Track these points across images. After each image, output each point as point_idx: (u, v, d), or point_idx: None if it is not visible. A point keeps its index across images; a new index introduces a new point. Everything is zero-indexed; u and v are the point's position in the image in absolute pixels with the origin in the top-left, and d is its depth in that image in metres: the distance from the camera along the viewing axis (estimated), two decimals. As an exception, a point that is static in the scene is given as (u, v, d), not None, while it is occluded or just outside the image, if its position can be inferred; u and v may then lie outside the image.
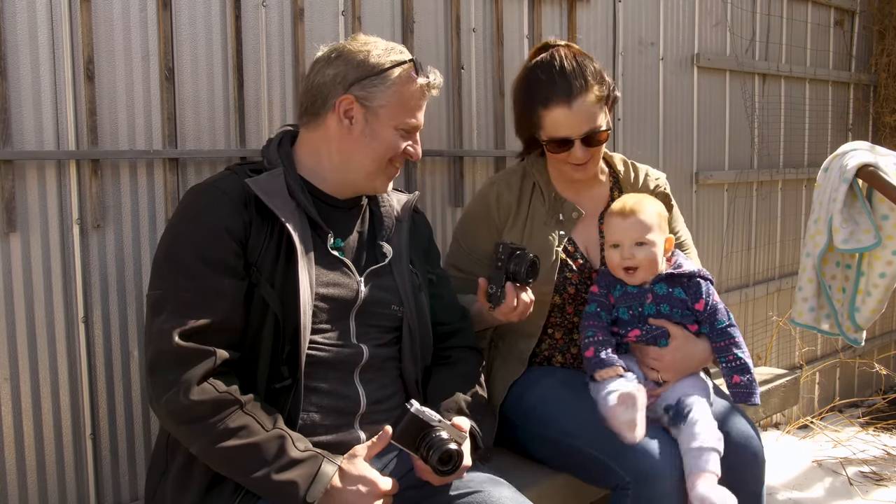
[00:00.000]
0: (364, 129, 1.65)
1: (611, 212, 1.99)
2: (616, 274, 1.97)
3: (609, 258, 1.98)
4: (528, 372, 2.09)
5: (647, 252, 1.92)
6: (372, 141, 1.66)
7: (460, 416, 1.66)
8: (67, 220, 1.88)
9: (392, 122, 1.66)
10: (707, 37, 3.58)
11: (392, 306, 1.71)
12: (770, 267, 4.05)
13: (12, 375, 1.82)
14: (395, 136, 1.67)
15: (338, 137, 1.66)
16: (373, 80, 1.63)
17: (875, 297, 2.62)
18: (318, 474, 1.43)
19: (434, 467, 1.46)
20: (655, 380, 1.94)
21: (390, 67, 1.64)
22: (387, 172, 1.72)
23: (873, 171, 2.51)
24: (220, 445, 1.42)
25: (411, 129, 1.70)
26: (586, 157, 2.01)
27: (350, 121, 1.65)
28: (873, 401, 4.53)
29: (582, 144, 1.99)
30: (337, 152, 1.67)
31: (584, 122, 1.98)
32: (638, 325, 1.96)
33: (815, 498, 3.20)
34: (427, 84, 1.69)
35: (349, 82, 1.64)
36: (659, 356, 1.93)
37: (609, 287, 2.00)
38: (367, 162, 1.68)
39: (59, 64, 1.84)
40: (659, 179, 2.24)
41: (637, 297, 1.96)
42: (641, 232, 1.92)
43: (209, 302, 1.48)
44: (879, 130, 4.61)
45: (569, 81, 1.96)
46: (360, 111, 1.64)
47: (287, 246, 1.56)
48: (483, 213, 2.17)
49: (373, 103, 1.64)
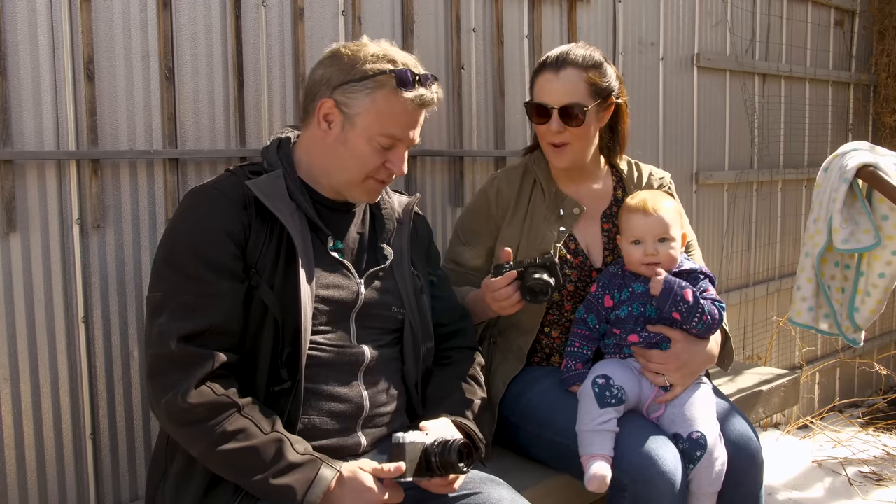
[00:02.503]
0: (338, 136, 1.59)
1: (631, 208, 1.99)
2: (636, 270, 1.96)
3: (629, 254, 1.97)
4: (527, 371, 2.09)
5: (669, 248, 1.94)
6: (344, 150, 1.59)
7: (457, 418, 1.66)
8: (67, 220, 1.88)
9: (367, 133, 1.57)
10: (707, 37, 3.58)
11: (393, 308, 1.71)
12: (770, 267, 4.05)
13: (12, 375, 1.82)
14: (370, 148, 1.58)
15: (318, 141, 1.63)
16: (353, 85, 1.56)
17: (874, 297, 2.62)
18: (315, 479, 1.42)
19: (458, 469, 1.45)
20: (662, 385, 1.92)
21: (373, 75, 1.55)
22: (364, 186, 1.63)
23: (873, 171, 2.51)
24: (219, 449, 1.42)
25: (393, 144, 1.60)
26: (561, 131, 2.01)
27: (329, 125, 1.60)
28: (873, 401, 4.53)
29: (559, 117, 2.00)
30: (318, 156, 1.64)
31: (566, 93, 2.00)
32: (636, 327, 1.95)
33: (815, 498, 3.20)
34: (417, 98, 1.57)
35: (333, 85, 1.58)
36: (664, 360, 1.92)
37: (611, 289, 2.00)
38: (339, 171, 1.61)
39: (59, 64, 1.84)
40: (663, 178, 2.25)
41: (642, 297, 1.96)
42: (664, 228, 1.94)
43: (208, 305, 1.48)
44: (879, 130, 4.61)
45: (567, 56, 2.03)
46: (339, 117, 1.58)
47: (287, 248, 1.56)
48: (483, 207, 2.18)
49: (351, 110, 1.57)
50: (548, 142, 2.06)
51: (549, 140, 2.05)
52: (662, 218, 1.94)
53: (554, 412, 1.97)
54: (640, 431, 1.82)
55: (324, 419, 1.59)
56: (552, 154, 2.08)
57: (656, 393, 1.92)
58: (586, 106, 2.01)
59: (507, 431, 2.07)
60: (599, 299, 2.00)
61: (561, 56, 2.03)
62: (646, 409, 1.93)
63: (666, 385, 1.92)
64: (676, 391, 1.92)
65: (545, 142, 2.07)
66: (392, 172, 1.63)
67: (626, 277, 1.99)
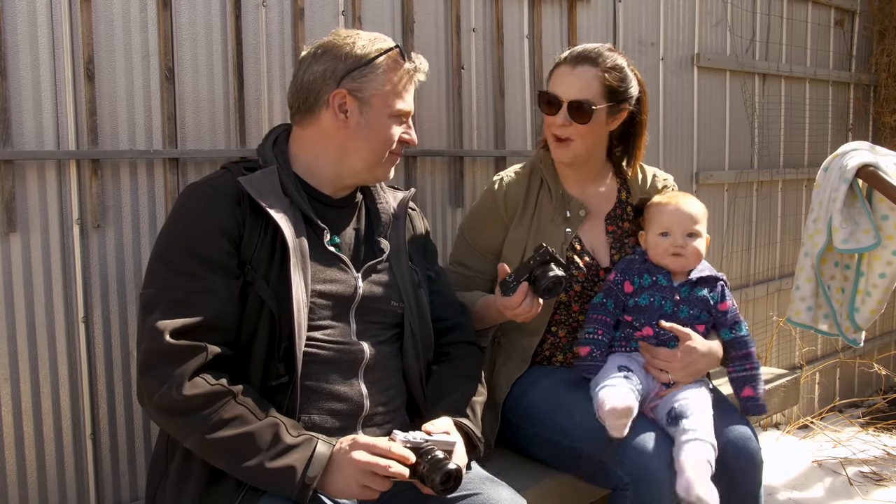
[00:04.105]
0: (360, 121, 1.66)
1: (661, 202, 2.02)
2: (661, 261, 1.97)
3: (656, 245, 1.98)
4: (528, 371, 2.09)
5: (697, 243, 1.97)
6: (369, 132, 1.67)
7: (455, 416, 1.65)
8: (67, 220, 1.88)
9: (386, 111, 1.67)
10: (707, 37, 3.58)
11: (392, 302, 1.71)
12: (770, 267, 4.05)
13: (12, 375, 1.82)
14: (389, 124, 1.68)
15: (335, 132, 1.66)
16: (362, 70, 1.64)
17: (875, 297, 2.62)
18: (313, 455, 1.43)
19: (436, 489, 1.44)
20: (665, 381, 1.93)
21: (377, 56, 1.65)
22: (389, 161, 1.73)
23: (873, 171, 2.51)
24: (214, 436, 1.42)
25: (404, 115, 1.71)
26: (566, 125, 2.03)
27: (345, 114, 1.65)
28: (873, 401, 4.53)
29: (567, 111, 2.01)
30: (335, 147, 1.67)
31: (578, 89, 2.02)
32: (652, 320, 1.95)
33: (815, 498, 3.20)
34: (414, 68, 1.70)
35: (339, 76, 1.64)
36: (670, 357, 1.92)
37: (630, 275, 1.99)
38: (366, 153, 1.68)
39: (60, 64, 1.84)
40: (667, 181, 2.26)
41: (666, 291, 1.96)
42: (692, 223, 1.98)
43: (202, 300, 1.49)
44: (879, 130, 4.61)
45: (588, 53, 2.05)
46: (354, 103, 1.65)
47: (282, 243, 1.57)
48: (490, 208, 2.17)
49: (365, 94, 1.65)
50: (552, 133, 2.07)
51: (554, 132, 2.06)
52: (692, 213, 1.98)
53: (554, 412, 1.96)
54: (641, 430, 1.82)
55: (324, 417, 1.59)
56: (554, 147, 2.09)
57: (658, 388, 1.93)
58: (596, 105, 2.01)
59: (508, 431, 2.07)
60: (619, 284, 2.00)
61: (582, 53, 2.05)
62: (646, 404, 1.93)
63: (668, 382, 1.93)
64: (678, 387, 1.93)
65: (549, 133, 2.08)
66: (408, 143, 1.74)
67: (648, 265, 2.00)
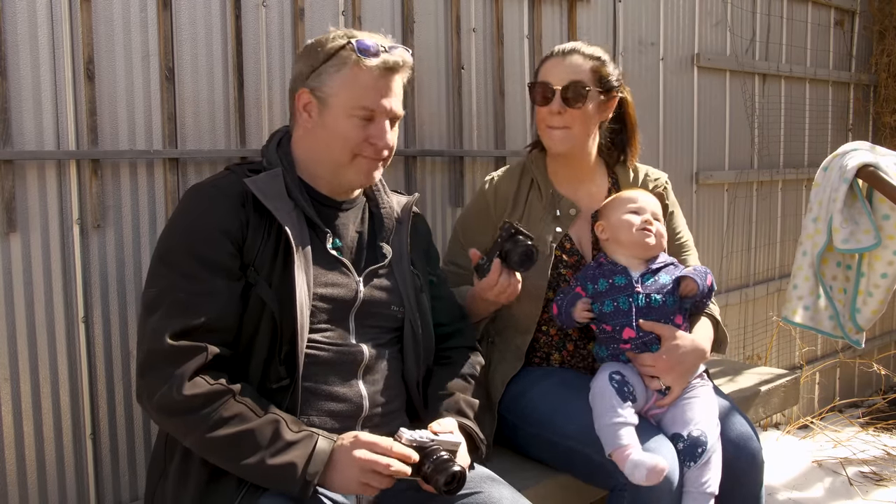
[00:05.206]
0: (317, 122, 1.61)
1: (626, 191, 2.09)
2: (628, 239, 1.98)
3: (623, 223, 1.99)
4: (526, 372, 2.09)
5: (663, 227, 2.03)
6: (325, 131, 1.61)
7: (459, 417, 1.66)
8: (67, 220, 1.88)
9: (343, 110, 1.59)
10: (707, 37, 3.58)
11: (392, 307, 1.71)
12: (770, 267, 4.05)
13: (12, 375, 1.82)
14: (349, 124, 1.59)
15: (305, 134, 1.65)
16: (321, 68, 1.59)
17: (876, 297, 2.62)
18: (314, 451, 1.42)
19: (440, 490, 1.45)
20: (658, 388, 1.91)
21: (333, 53, 1.59)
22: (355, 166, 1.63)
23: (873, 171, 2.51)
24: (215, 435, 1.42)
25: (371, 116, 1.60)
26: (561, 112, 2.04)
27: (309, 114, 1.63)
28: (873, 401, 4.53)
29: (561, 98, 2.03)
30: (309, 150, 1.66)
31: (570, 73, 2.05)
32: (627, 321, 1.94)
33: (815, 498, 3.20)
34: (382, 63, 1.58)
35: (305, 76, 1.62)
36: (654, 361, 1.91)
37: (584, 281, 2.00)
38: (325, 156, 1.63)
39: (60, 64, 1.84)
40: (658, 180, 2.25)
41: (625, 290, 1.95)
42: (657, 209, 2.05)
43: (203, 302, 1.48)
44: (879, 130, 4.61)
45: (575, 46, 2.11)
46: (315, 103, 1.61)
47: (285, 246, 1.56)
48: (482, 207, 2.19)
49: (324, 93, 1.59)
50: (547, 125, 2.08)
51: (549, 123, 2.07)
52: (656, 202, 2.07)
53: (553, 413, 1.96)
54: (639, 431, 1.82)
55: (323, 418, 1.59)
56: (549, 137, 2.09)
57: (656, 398, 1.92)
58: (588, 86, 2.04)
59: (506, 431, 2.07)
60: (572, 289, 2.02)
61: (569, 47, 2.11)
62: (646, 411, 1.93)
63: (662, 388, 1.91)
64: (675, 392, 1.91)
65: (544, 126, 2.09)
66: (378, 147, 1.62)
67: (603, 268, 2.00)
